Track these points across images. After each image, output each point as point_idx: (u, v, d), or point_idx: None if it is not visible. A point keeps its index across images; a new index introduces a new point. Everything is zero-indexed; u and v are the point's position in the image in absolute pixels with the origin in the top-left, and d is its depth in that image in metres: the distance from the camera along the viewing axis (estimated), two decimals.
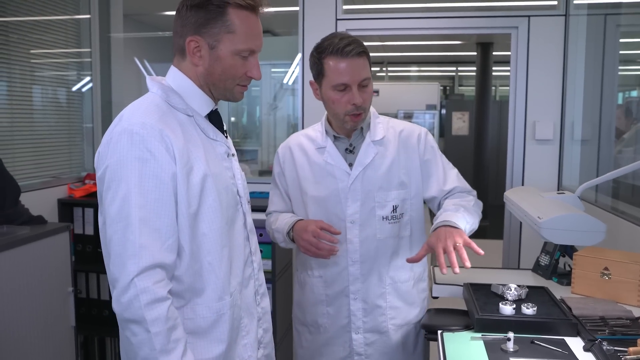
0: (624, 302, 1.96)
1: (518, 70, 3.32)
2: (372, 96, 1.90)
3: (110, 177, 1.29)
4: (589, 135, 3.31)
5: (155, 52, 5.15)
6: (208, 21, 1.36)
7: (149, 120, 1.31)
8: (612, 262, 2.02)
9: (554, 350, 1.56)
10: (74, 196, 3.16)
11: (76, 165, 3.67)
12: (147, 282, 1.24)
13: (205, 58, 1.39)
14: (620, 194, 2.98)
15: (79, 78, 3.79)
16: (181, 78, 1.43)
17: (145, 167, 1.28)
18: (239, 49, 1.39)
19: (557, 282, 2.27)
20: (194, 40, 1.38)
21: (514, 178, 3.39)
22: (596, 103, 3.30)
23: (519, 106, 3.33)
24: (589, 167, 3.29)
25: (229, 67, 1.41)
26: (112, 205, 1.28)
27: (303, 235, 1.84)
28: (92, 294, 3.14)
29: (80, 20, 3.76)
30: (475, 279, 2.13)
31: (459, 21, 3.43)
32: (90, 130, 3.75)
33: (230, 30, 1.37)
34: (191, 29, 1.37)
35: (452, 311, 1.93)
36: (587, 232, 1.46)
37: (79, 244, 3.14)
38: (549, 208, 1.53)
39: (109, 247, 1.28)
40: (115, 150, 1.29)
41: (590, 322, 1.72)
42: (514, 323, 1.68)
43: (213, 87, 1.44)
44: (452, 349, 1.58)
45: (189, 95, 1.43)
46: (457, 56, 10.34)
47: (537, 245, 2.82)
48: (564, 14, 3.24)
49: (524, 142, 3.34)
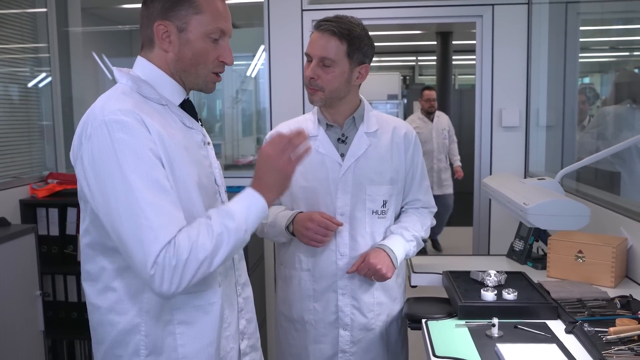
0: (598, 284, 2.00)
1: (484, 59, 3.35)
2: (338, 81, 1.85)
3: (98, 169, 1.24)
4: (553, 121, 3.38)
5: (113, 47, 5.03)
6: (174, 4, 1.33)
7: (123, 106, 1.27)
8: (586, 245, 2.06)
9: (538, 333, 1.58)
10: (36, 196, 3.05)
11: (37, 165, 3.54)
12: (170, 253, 1.20)
13: (175, 43, 1.36)
14: (583, 177, 3.05)
15: (33, 74, 3.63)
16: (150, 68, 1.38)
17: (133, 151, 1.23)
18: (208, 29, 1.36)
19: (531, 266, 2.30)
20: (162, 24, 1.34)
21: (482, 165, 3.42)
22: (559, 90, 3.36)
23: (485, 94, 3.37)
24: (554, 152, 3.36)
25: (200, 51, 1.37)
26: (112, 197, 1.22)
27: (308, 225, 1.82)
28: (59, 296, 3.05)
29: (37, 14, 3.63)
30: (452, 266, 2.14)
31: (425, 10, 3.43)
32: (50, 127, 3.63)
33: (198, 11, 1.34)
34: (158, 15, 1.34)
35: (431, 299, 1.94)
36: (573, 216, 1.48)
37: (43, 245, 3.03)
38: (533, 194, 1.55)
39: (122, 239, 1.22)
40: (97, 142, 1.24)
41: (568, 305, 1.75)
42: (497, 309, 1.70)
43: (184, 74, 1.40)
44: (438, 337, 1.59)
45: (160, 84, 1.38)
46: (417, 46, 10.43)
47: (506, 231, 2.87)
48: (527, 2, 3.28)
49: (490, 130, 3.38)
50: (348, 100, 1.93)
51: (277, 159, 1.38)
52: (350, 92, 1.91)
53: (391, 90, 9.38)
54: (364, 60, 1.88)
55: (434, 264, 2.29)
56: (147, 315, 1.33)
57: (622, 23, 3.39)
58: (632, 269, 2.10)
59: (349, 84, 1.88)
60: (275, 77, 3.42)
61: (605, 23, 3.47)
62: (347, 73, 1.86)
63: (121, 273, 1.34)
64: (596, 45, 3.72)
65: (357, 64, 1.87)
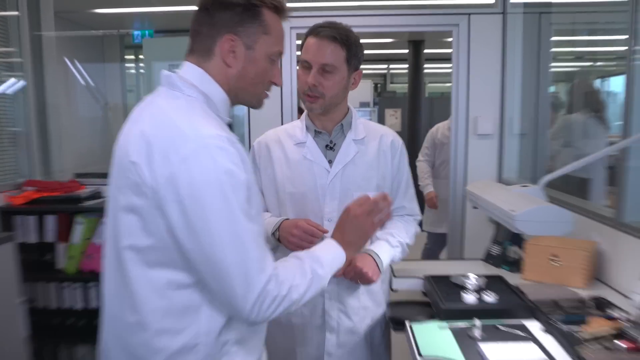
0: (571, 285, 2.10)
1: (460, 67, 3.44)
2: (338, 87, 1.88)
3: (200, 197, 1.19)
4: (526, 129, 3.48)
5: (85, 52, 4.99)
6: (244, 20, 1.31)
7: (216, 131, 1.23)
8: (560, 249, 2.16)
9: (517, 333, 1.67)
10: (13, 204, 3.03)
11: (10, 172, 3.51)
12: (273, 285, 1.24)
13: (240, 59, 1.33)
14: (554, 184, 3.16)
15: (2, 79, 3.58)
16: (208, 81, 1.33)
17: (234, 180, 1.20)
18: (272, 51, 1.37)
19: (508, 270, 2.40)
20: (231, 39, 1.31)
21: (457, 172, 3.52)
22: (533, 98, 3.47)
23: (461, 102, 3.46)
24: (527, 159, 3.47)
25: (262, 71, 1.37)
26: (214, 227, 1.19)
27: (293, 231, 1.84)
28: (40, 302, 3.03)
29: (8, 17, 3.60)
30: (431, 270, 2.21)
31: (402, 19, 3.52)
32: (23, 134, 3.59)
33: (266, 32, 1.34)
34: (226, 27, 1.31)
35: (413, 303, 2.01)
36: (558, 222, 1.56)
37: (22, 253, 3.02)
38: (519, 201, 1.62)
39: (221, 268, 1.21)
40: (199, 167, 1.18)
41: (544, 306, 1.84)
42: (478, 311, 1.78)
43: (242, 91, 1.38)
44: (423, 339, 1.65)
45: (218, 100, 1.36)
46: (389, 54, 10.53)
47: (480, 235, 2.95)
48: (502, 12, 3.38)
49: (466, 137, 3.47)
50: (341, 107, 1.97)
51: (363, 220, 1.48)
52: (344, 98, 1.96)
53: (363, 98, 9.44)
54: (358, 66, 1.92)
55: (414, 268, 2.36)
56: (206, 337, 1.30)
57: (587, 34, 3.52)
58: (602, 271, 2.21)
59: (346, 90, 1.92)
60: None
61: (576, 33, 3.59)
62: (346, 79, 1.89)
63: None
64: (563, 55, 3.85)
65: (354, 70, 1.91)
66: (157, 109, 1.29)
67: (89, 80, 4.92)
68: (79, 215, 2.99)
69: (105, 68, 5.26)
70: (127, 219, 1.26)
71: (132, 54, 5.62)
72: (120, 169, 1.27)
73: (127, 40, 5.15)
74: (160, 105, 1.29)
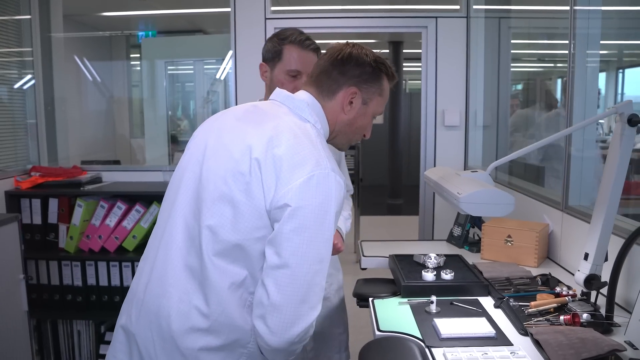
0: (523, 264, 2.05)
1: (428, 65, 3.37)
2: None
3: (311, 217, 1.16)
4: (489, 121, 3.43)
5: (94, 51, 4.92)
6: (368, 80, 1.34)
7: (334, 165, 1.22)
8: (513, 230, 2.10)
9: (470, 309, 1.61)
10: (20, 188, 2.95)
11: (21, 159, 3.43)
12: (305, 332, 1.18)
13: (355, 110, 1.35)
14: (515, 171, 3.12)
15: (20, 76, 3.54)
16: (323, 118, 1.34)
17: (333, 212, 1.19)
18: (378, 111, 1.40)
19: (468, 249, 2.34)
20: (354, 92, 1.33)
21: (427, 160, 3.46)
22: (494, 94, 3.42)
23: (429, 97, 3.39)
24: (489, 149, 3.41)
25: (365, 124, 1.39)
26: (311, 247, 1.16)
27: None
28: (42, 279, 2.96)
29: (21, 20, 3.51)
30: (398, 250, 2.16)
31: (377, 21, 3.44)
32: (34, 125, 3.52)
33: (381, 94, 1.37)
34: (354, 80, 1.33)
35: (378, 280, 1.95)
36: (500, 204, 1.49)
37: (27, 233, 2.94)
38: (466, 185, 1.56)
39: (304, 288, 1.16)
40: (322, 193, 1.17)
41: (498, 283, 1.79)
42: (435, 288, 1.72)
43: (342, 135, 1.39)
44: (383, 314, 1.59)
45: (324, 138, 1.35)
46: None
47: (448, 218, 2.90)
48: (465, 16, 3.32)
49: (434, 129, 3.41)
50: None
51: None
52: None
53: None
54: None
55: (382, 248, 2.31)
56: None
57: (546, 38, 3.48)
58: (553, 251, 2.16)
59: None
60: (240, 80, 3.39)
61: (533, 37, 3.55)
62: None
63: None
64: (526, 56, 3.81)
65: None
66: (287, 128, 1.24)
67: (96, 76, 4.84)
68: (79, 198, 2.92)
69: (112, 65, 5.19)
70: (222, 209, 1.20)
71: (137, 53, 5.54)
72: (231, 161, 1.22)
73: (132, 40, 5.09)
74: (291, 127, 1.24)
